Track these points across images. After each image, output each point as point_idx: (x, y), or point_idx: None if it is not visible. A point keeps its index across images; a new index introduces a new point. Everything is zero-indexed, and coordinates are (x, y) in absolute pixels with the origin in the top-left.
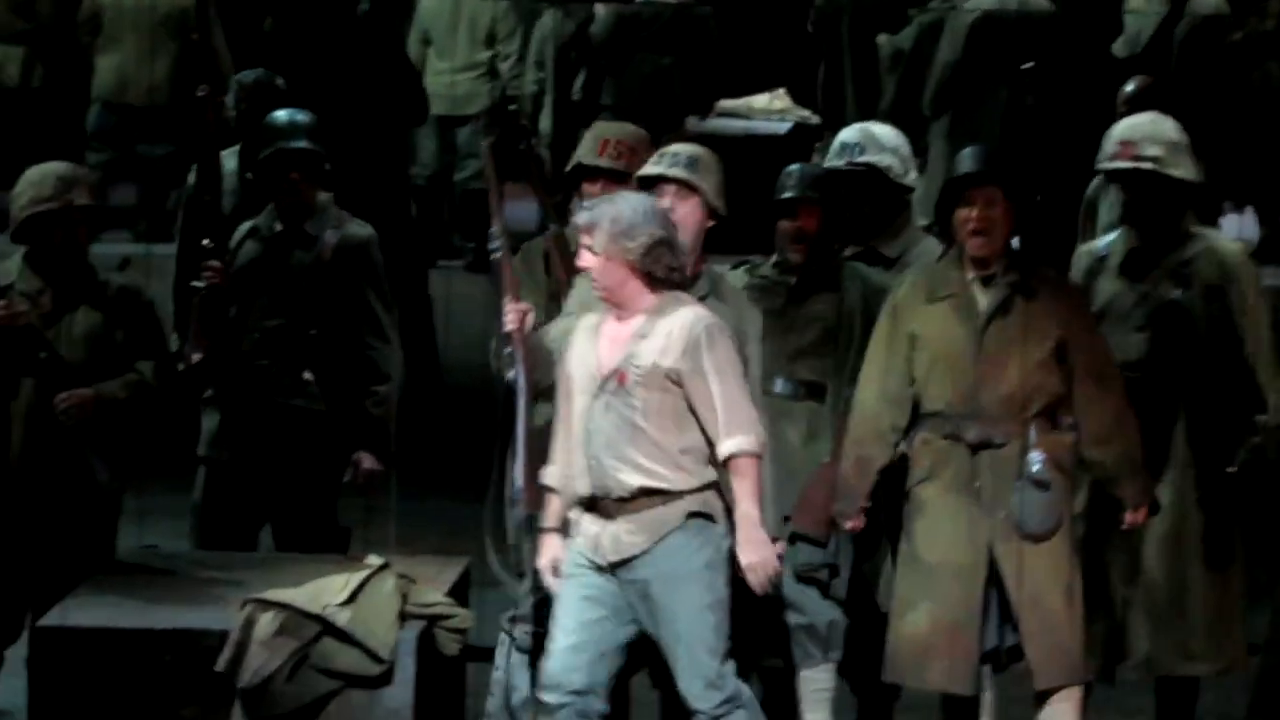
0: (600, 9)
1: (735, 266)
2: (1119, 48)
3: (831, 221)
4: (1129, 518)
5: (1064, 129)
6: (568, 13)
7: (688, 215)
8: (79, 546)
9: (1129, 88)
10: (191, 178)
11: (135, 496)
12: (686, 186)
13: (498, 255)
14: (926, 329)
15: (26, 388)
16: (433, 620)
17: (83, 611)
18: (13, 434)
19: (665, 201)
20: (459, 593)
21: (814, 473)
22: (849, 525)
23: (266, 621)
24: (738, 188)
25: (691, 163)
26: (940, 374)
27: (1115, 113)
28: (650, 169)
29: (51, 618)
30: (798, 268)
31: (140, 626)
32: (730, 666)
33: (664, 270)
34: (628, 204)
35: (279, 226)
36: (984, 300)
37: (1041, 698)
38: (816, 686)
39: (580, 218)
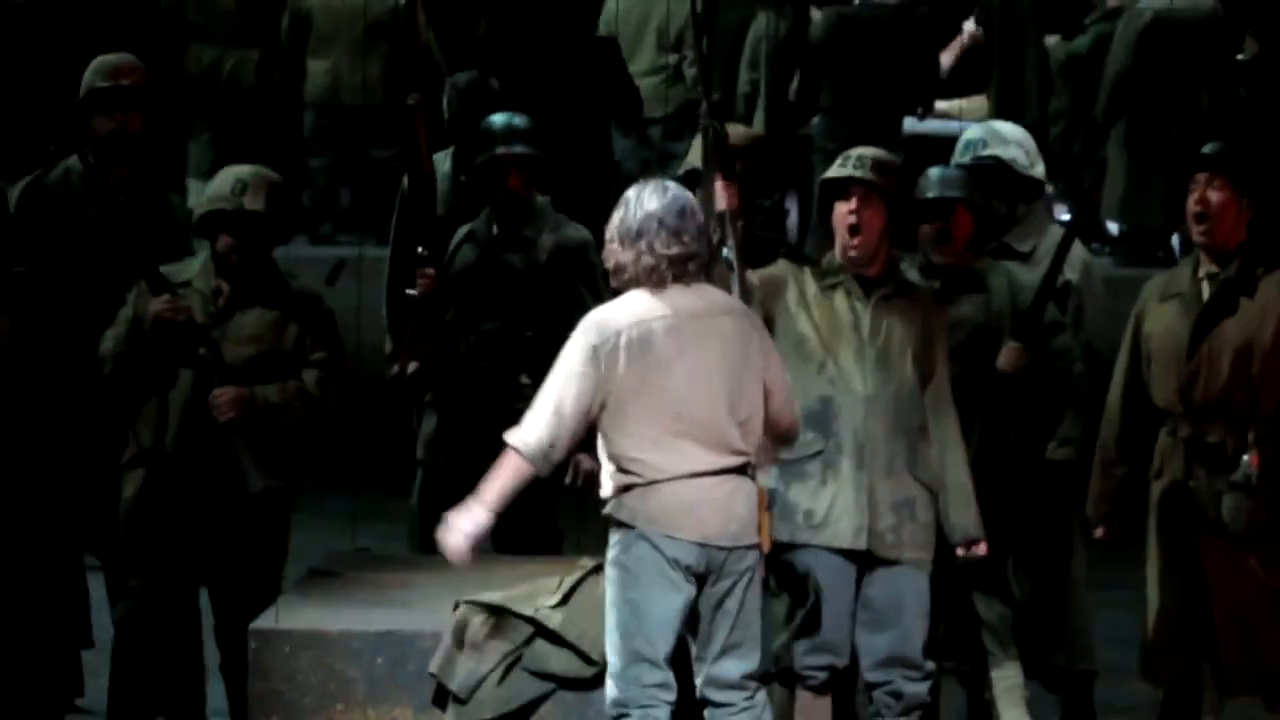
0: (818, 10)
1: None
2: None
3: (976, 221)
4: None
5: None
6: (781, 14)
7: (873, 217)
8: (247, 543)
9: None
10: (405, 182)
11: (349, 499)
12: (871, 188)
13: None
14: (1156, 327)
15: (185, 382)
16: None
17: (295, 613)
18: (169, 426)
19: (851, 203)
20: None
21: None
22: (1097, 533)
23: (479, 623)
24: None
25: (877, 166)
26: (1161, 371)
27: None
28: (835, 171)
29: (264, 620)
30: (942, 269)
31: (353, 629)
32: (641, 671)
33: (644, 258)
34: (641, 194)
35: (496, 230)
36: (1206, 295)
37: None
38: (1008, 684)
39: None
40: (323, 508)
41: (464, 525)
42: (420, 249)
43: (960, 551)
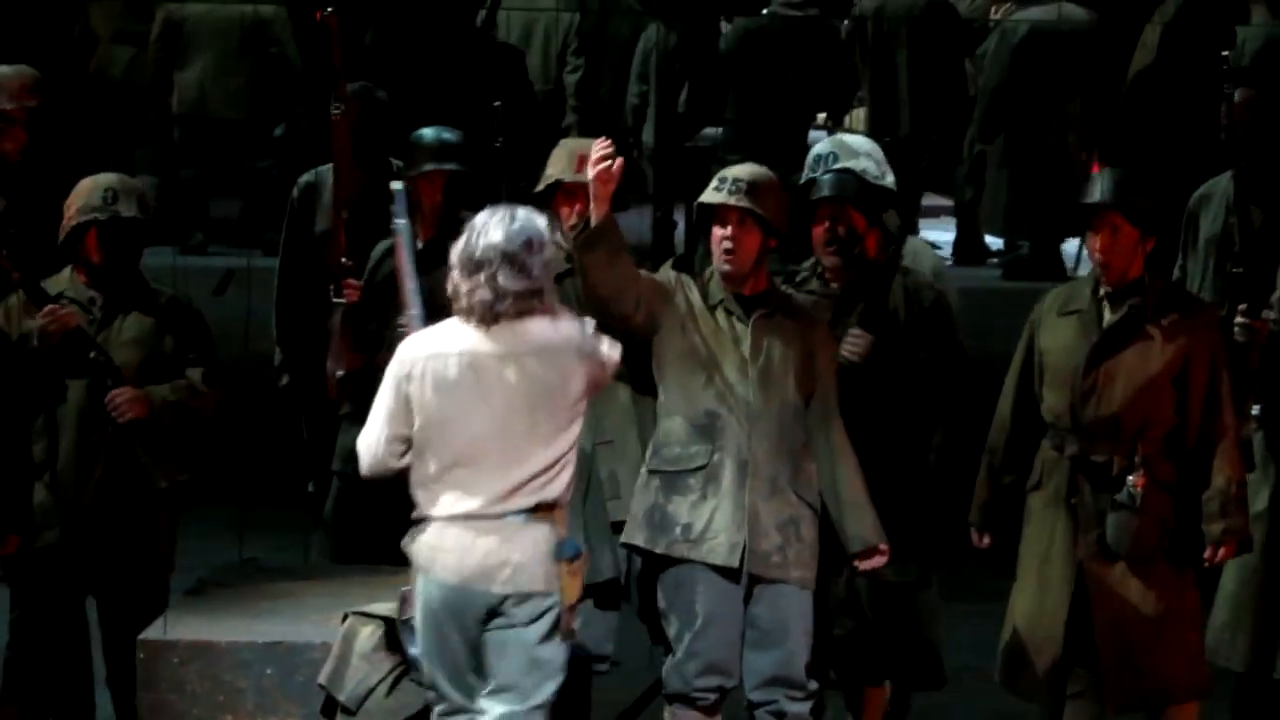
0: (727, 22)
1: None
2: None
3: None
4: (1208, 554)
5: (1164, 141)
6: (672, 25)
7: (748, 240)
8: (137, 552)
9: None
10: (295, 193)
11: (238, 510)
12: (745, 212)
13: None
14: (1052, 341)
15: (77, 391)
16: None
17: (184, 624)
18: (63, 439)
19: (727, 229)
20: None
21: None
22: (981, 542)
23: (368, 634)
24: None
25: (751, 188)
26: (1054, 387)
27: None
28: (709, 196)
29: (152, 630)
30: (842, 277)
31: (241, 640)
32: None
33: (471, 292)
34: (476, 219)
35: (421, 244)
36: (1108, 317)
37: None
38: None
39: None
40: (208, 518)
41: None
42: (345, 259)
43: (860, 563)
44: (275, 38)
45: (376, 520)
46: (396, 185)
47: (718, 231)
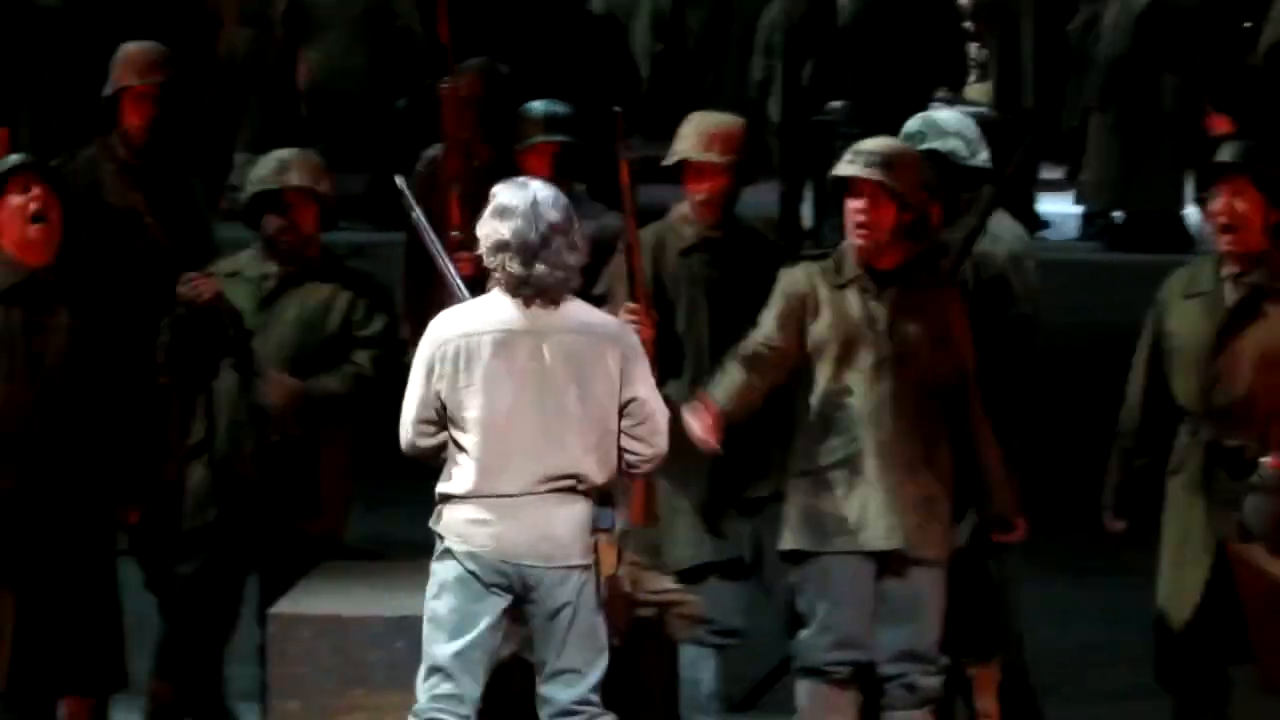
0: None
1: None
2: None
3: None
4: None
5: None
6: None
7: (881, 213)
8: (301, 526)
9: None
10: (420, 166)
11: (372, 486)
12: (878, 185)
13: None
14: (1179, 325)
15: (231, 371)
16: (664, 606)
17: (315, 598)
18: (220, 418)
19: (860, 203)
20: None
21: None
22: (1114, 526)
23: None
24: None
25: (885, 161)
26: (1182, 372)
27: None
28: (843, 169)
29: (283, 605)
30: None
31: (372, 613)
32: (435, 681)
33: (500, 271)
34: (507, 192)
35: None
36: (1230, 298)
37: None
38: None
39: None
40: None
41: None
42: (457, 232)
43: (997, 536)
44: (399, 12)
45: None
46: (399, 178)
47: (851, 205)
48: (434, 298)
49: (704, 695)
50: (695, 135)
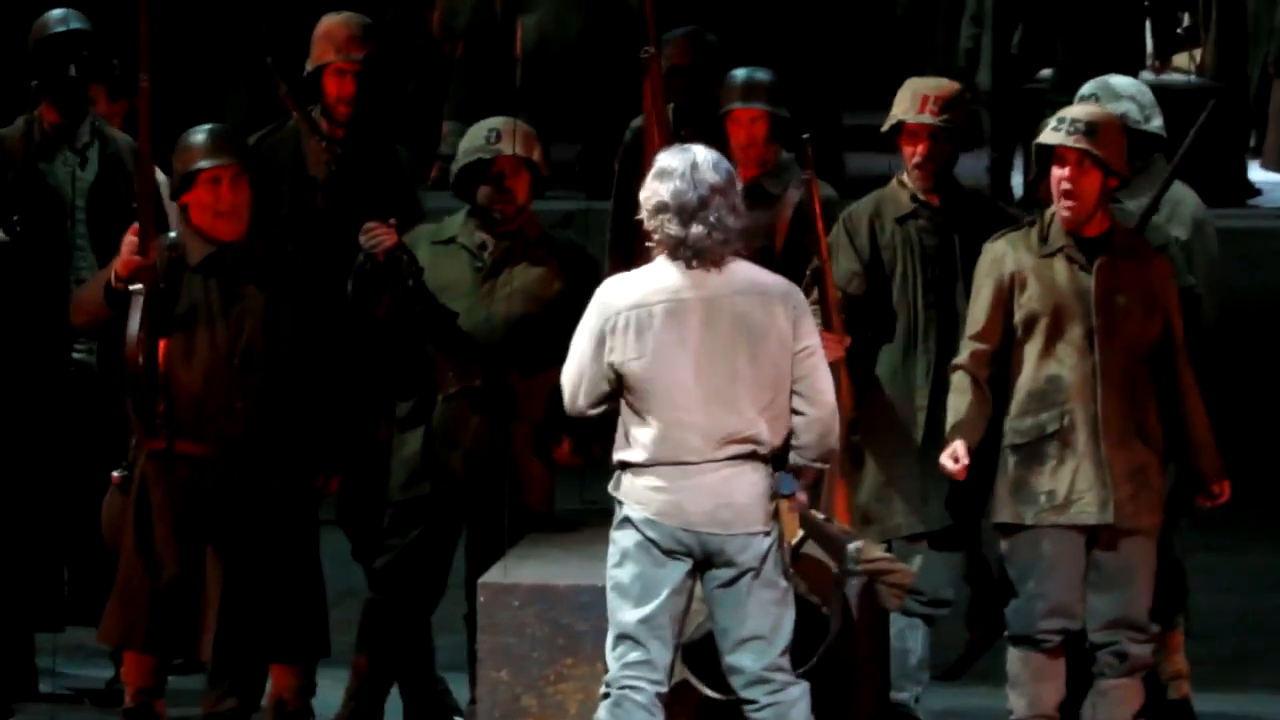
0: None
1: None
2: None
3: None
4: None
5: None
6: None
7: (1088, 181)
8: (512, 498)
9: None
10: (627, 136)
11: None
12: (1083, 153)
13: None
14: None
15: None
16: (874, 575)
17: (523, 567)
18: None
19: (1065, 171)
20: None
21: None
22: None
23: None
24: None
25: (1090, 128)
26: None
27: None
28: (1047, 137)
29: (493, 575)
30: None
31: (581, 583)
32: (624, 649)
33: (660, 233)
34: (667, 156)
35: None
36: None
37: None
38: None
39: None
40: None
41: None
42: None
43: (1202, 501)
44: None
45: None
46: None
47: (1056, 173)
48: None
49: (913, 665)
50: (910, 98)
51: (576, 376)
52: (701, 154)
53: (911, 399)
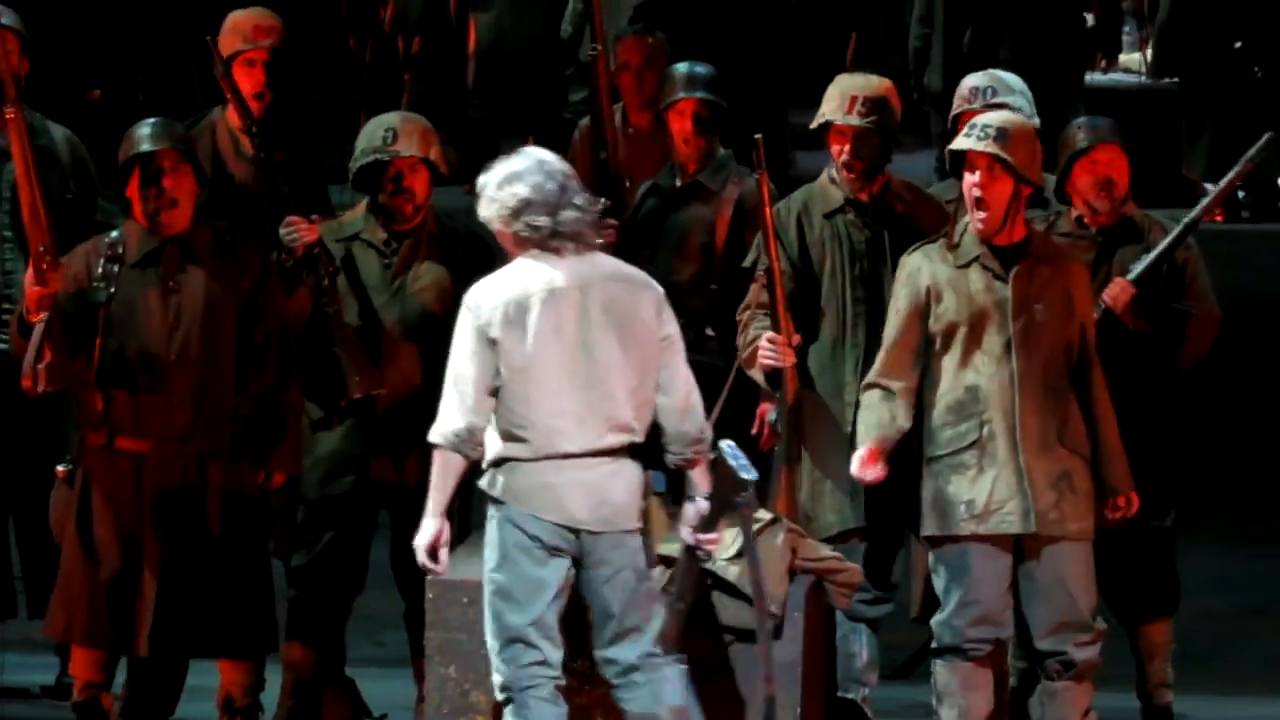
0: None
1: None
2: None
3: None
4: None
5: None
6: None
7: (999, 189)
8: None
9: None
10: (576, 135)
11: None
12: (995, 159)
13: None
14: None
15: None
16: (822, 574)
17: (471, 564)
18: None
19: (975, 176)
20: None
21: None
22: None
23: (656, 576)
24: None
25: (1001, 134)
26: None
27: None
28: (959, 143)
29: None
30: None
31: None
32: (516, 651)
33: (527, 230)
34: (504, 163)
35: (679, 181)
36: None
37: None
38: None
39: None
40: None
41: (425, 543)
42: (602, 200)
43: (1109, 512)
44: None
45: (653, 463)
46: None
47: (968, 179)
48: None
49: (859, 668)
50: (838, 97)
51: (461, 395)
52: (540, 151)
53: (841, 394)
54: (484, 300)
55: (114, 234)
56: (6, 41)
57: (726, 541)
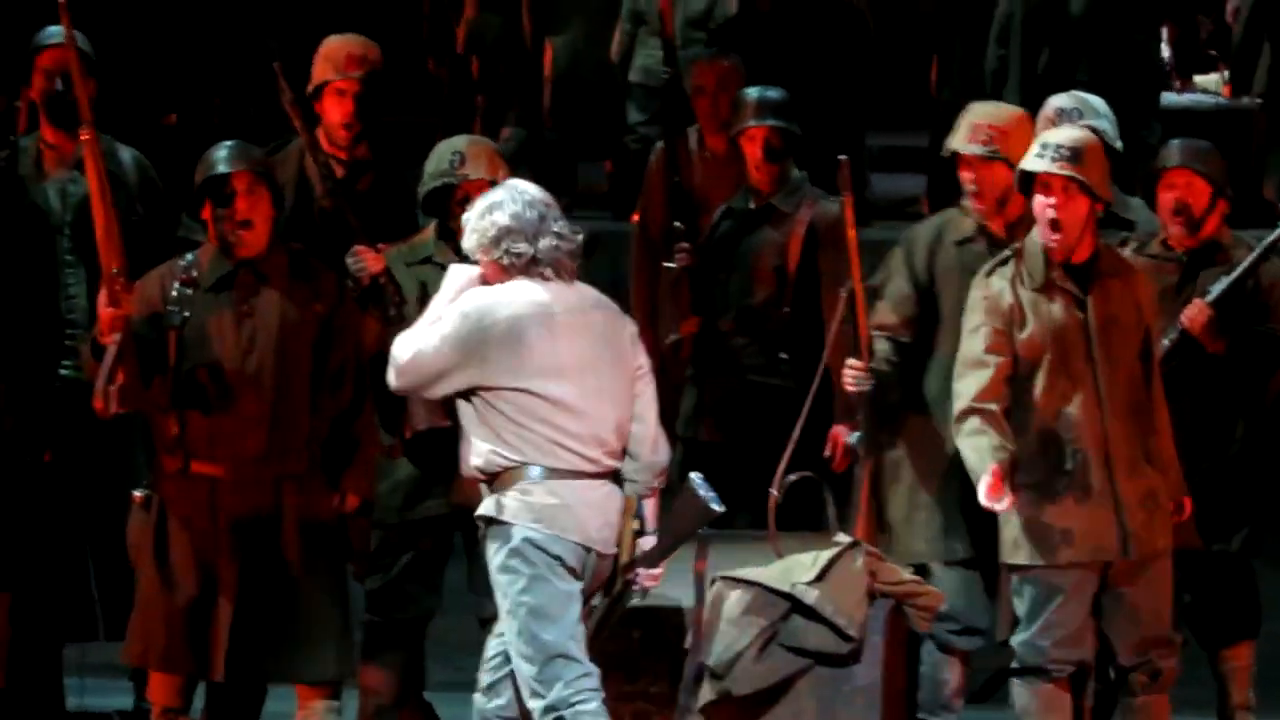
0: None
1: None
2: None
3: (1215, 195)
4: None
5: None
6: None
7: (1074, 209)
8: None
9: None
10: (651, 159)
11: None
12: (1072, 181)
13: None
14: None
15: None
16: (901, 598)
17: None
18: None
19: (1051, 199)
20: None
21: None
22: None
23: (735, 599)
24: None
25: (1074, 154)
26: None
27: None
28: (1032, 164)
29: None
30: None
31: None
32: (558, 668)
33: (508, 257)
34: (487, 196)
35: (753, 204)
36: None
37: None
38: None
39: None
40: None
41: None
42: (677, 223)
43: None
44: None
45: (726, 486)
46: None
47: (1040, 201)
48: (664, 288)
49: (947, 695)
50: (964, 127)
51: (435, 361)
52: (520, 182)
53: (948, 423)
54: (495, 313)
55: (189, 257)
56: (76, 64)
57: (807, 564)
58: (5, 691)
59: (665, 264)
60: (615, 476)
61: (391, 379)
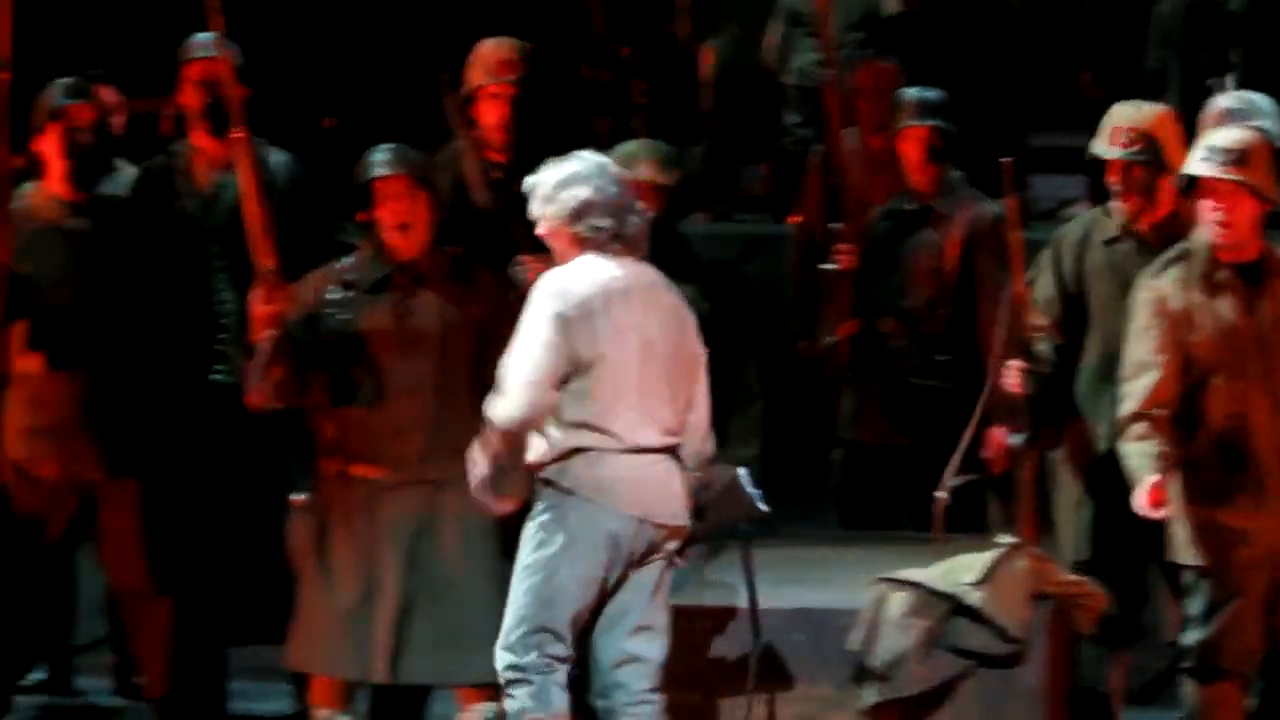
0: None
1: None
2: None
3: None
4: None
5: None
6: None
7: (1241, 209)
8: None
9: None
10: (809, 160)
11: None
12: (1239, 185)
13: None
14: None
15: None
16: (1066, 599)
17: (709, 589)
18: None
19: (1218, 204)
20: None
21: None
22: None
23: (898, 601)
24: None
25: (1240, 157)
26: None
27: None
28: (1198, 168)
29: (678, 596)
30: None
31: (771, 605)
32: (543, 639)
33: (590, 231)
34: (562, 166)
35: (911, 205)
36: None
37: None
38: None
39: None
40: None
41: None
42: (836, 225)
43: None
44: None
45: (884, 488)
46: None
47: (1207, 204)
48: (823, 291)
49: (1103, 694)
50: (1106, 129)
51: (526, 373)
52: (596, 155)
53: (1102, 420)
54: (570, 290)
55: (346, 259)
56: (225, 68)
57: (970, 566)
58: (170, 696)
59: (823, 265)
60: (674, 453)
61: (512, 411)
